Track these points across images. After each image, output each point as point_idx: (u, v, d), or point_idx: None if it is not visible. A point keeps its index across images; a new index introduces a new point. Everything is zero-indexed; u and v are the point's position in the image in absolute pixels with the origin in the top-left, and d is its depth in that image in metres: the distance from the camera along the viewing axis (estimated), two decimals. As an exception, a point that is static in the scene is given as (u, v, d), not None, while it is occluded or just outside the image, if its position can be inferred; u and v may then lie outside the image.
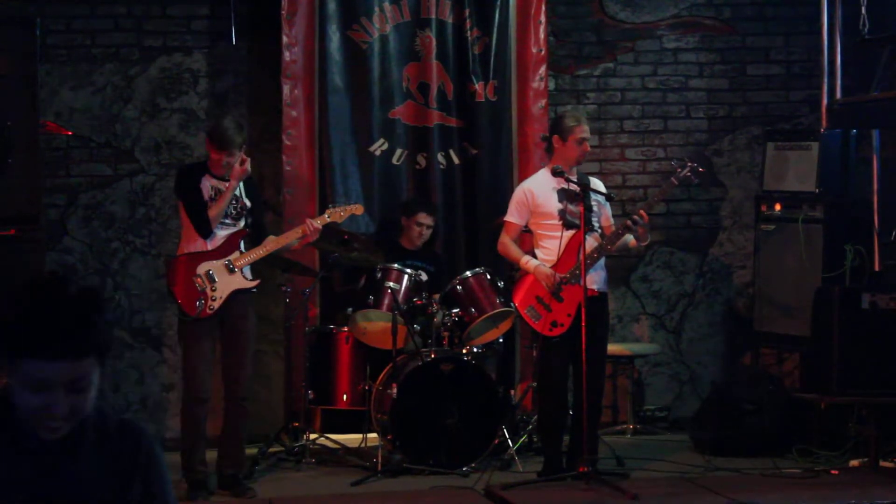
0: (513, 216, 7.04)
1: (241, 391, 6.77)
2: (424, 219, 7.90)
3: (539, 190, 6.97)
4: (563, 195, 6.92)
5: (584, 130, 6.95)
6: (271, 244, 6.83)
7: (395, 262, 7.61)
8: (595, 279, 6.84)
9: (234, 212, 6.77)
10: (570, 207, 6.89)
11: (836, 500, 6.51)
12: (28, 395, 2.39)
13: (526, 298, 6.91)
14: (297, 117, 8.09)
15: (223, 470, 6.78)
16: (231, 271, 6.71)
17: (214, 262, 6.69)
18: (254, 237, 6.87)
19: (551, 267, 6.86)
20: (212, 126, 6.95)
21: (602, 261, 6.89)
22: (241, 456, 6.90)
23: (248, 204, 6.84)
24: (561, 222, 6.89)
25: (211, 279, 6.67)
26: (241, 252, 6.79)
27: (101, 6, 8.28)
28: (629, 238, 6.90)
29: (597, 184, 7.12)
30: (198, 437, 6.71)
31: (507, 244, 7.05)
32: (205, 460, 6.74)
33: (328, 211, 7.11)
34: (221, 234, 6.75)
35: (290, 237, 6.89)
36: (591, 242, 6.79)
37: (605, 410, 8.52)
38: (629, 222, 6.79)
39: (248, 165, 6.74)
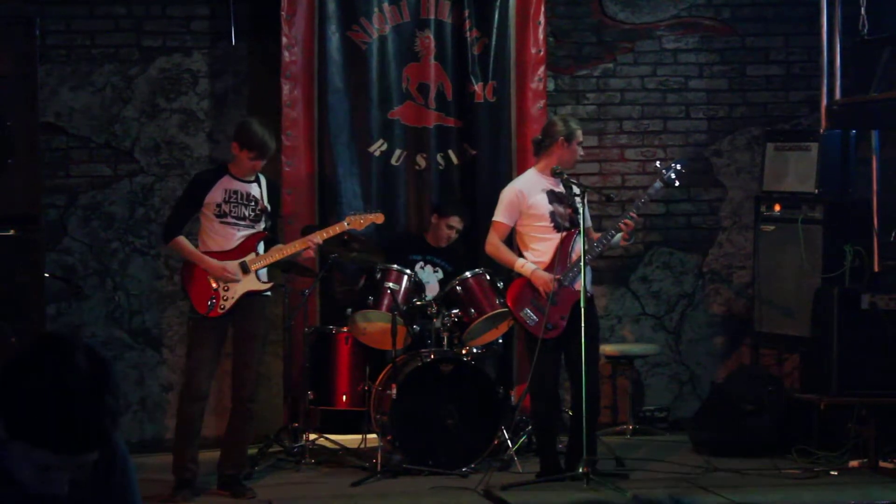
0: (503, 216, 7.04)
1: (247, 393, 6.77)
2: (457, 223, 7.94)
3: (530, 191, 6.99)
4: (553, 197, 6.94)
5: (582, 136, 7.10)
6: (278, 253, 6.83)
7: (416, 255, 7.79)
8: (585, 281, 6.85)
9: (252, 214, 6.77)
10: (560, 209, 6.92)
11: (836, 500, 6.51)
12: (28, 471, 2.24)
13: (520, 301, 6.93)
14: (296, 117, 8.10)
15: (224, 470, 6.78)
16: (245, 272, 6.72)
17: (230, 262, 6.71)
18: (271, 240, 6.89)
19: (544, 270, 6.88)
20: (245, 127, 6.84)
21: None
22: (243, 457, 6.90)
23: (269, 207, 6.84)
24: (552, 225, 6.91)
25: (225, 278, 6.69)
26: (258, 254, 6.80)
27: (100, 6, 8.27)
28: (618, 238, 6.95)
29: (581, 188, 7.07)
30: (191, 434, 6.70)
31: (499, 246, 7.05)
32: (196, 459, 6.73)
33: (348, 218, 7.08)
34: (240, 234, 6.76)
35: (294, 249, 6.86)
36: (579, 245, 6.81)
37: (604, 411, 8.52)
38: (622, 226, 6.82)
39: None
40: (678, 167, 7.11)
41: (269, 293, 6.91)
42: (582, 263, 6.69)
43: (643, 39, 8.81)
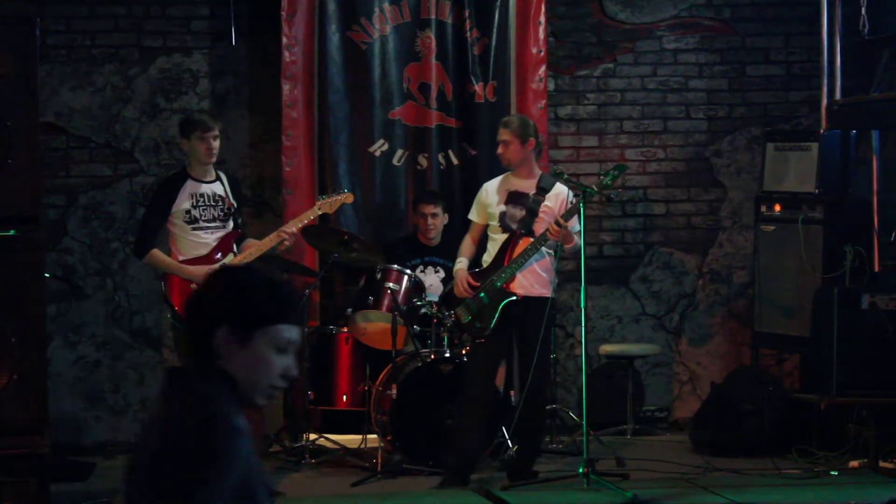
0: (472, 214, 7.16)
1: None
2: (426, 208, 7.87)
3: (490, 190, 7.07)
4: (511, 198, 6.96)
5: (499, 133, 7.00)
6: (256, 248, 6.76)
7: (415, 259, 7.76)
8: (522, 283, 6.82)
9: (222, 213, 6.71)
10: (512, 211, 6.93)
11: (836, 500, 6.52)
12: (275, 359, 2.66)
13: (461, 298, 7.01)
14: (296, 118, 8.10)
15: None
16: None
17: (213, 266, 6.64)
18: (241, 237, 6.84)
19: (484, 268, 6.92)
20: (183, 121, 6.91)
21: (535, 265, 6.83)
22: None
23: (235, 204, 6.79)
24: (500, 225, 6.95)
25: None
26: (236, 254, 6.74)
27: (101, 6, 8.28)
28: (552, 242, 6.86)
29: (560, 189, 6.92)
30: None
31: (462, 241, 7.15)
32: None
33: (318, 203, 7.07)
34: (212, 237, 6.69)
35: (272, 243, 6.79)
36: (521, 246, 6.82)
37: (604, 411, 8.49)
38: (548, 232, 6.71)
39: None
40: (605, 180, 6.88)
41: None
42: (582, 268, 6.69)
43: (643, 39, 8.81)
